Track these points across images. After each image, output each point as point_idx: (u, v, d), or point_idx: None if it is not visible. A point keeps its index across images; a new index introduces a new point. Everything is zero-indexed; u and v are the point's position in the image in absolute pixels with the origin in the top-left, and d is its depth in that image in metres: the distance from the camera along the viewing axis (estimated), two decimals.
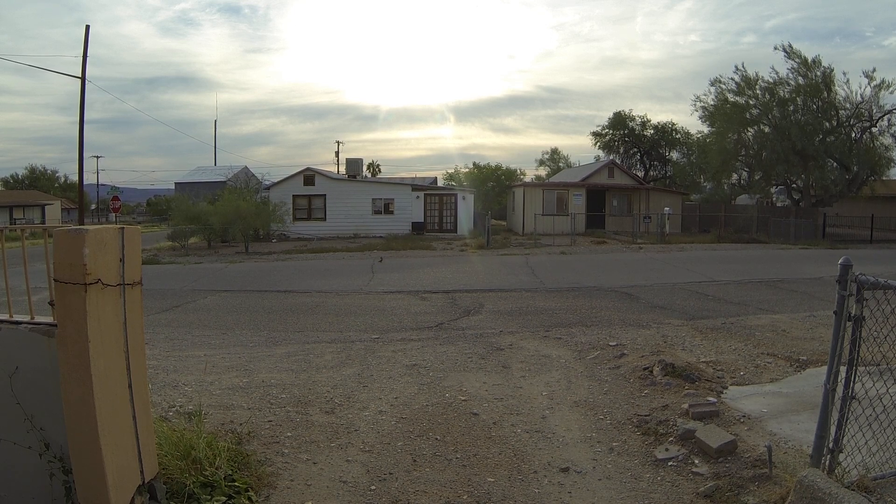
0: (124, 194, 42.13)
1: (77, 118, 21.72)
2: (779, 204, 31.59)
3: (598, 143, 44.59)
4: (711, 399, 4.40)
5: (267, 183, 31.37)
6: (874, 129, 25.70)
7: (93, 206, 55.01)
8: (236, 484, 3.06)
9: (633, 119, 43.39)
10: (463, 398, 4.75)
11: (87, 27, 24.89)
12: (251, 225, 23.33)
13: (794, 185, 28.31)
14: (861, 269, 2.73)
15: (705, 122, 29.88)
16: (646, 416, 4.22)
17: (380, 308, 9.49)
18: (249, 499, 3.01)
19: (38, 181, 59.36)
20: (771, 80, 26.27)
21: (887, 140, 25.77)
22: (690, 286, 11.33)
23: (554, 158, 59.50)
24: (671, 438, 3.79)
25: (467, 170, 51.06)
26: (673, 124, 42.69)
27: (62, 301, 2.36)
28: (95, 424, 2.34)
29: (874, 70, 24.74)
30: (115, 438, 2.45)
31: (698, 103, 29.43)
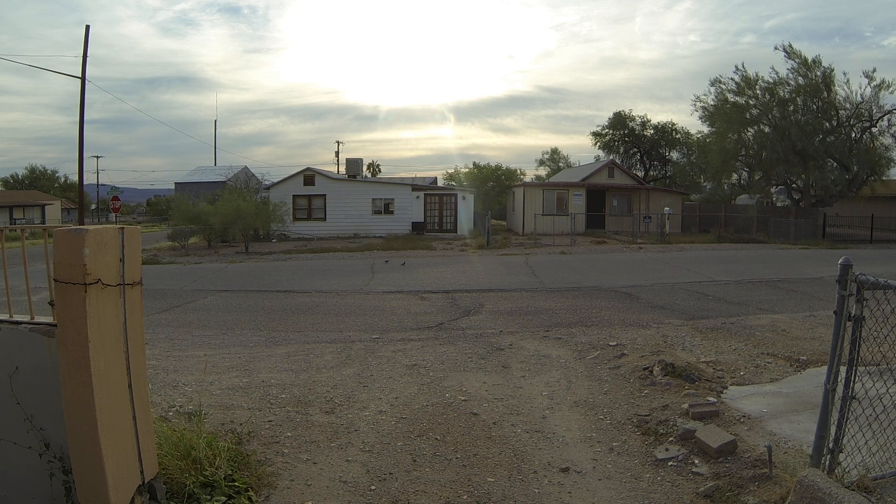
0: (124, 194, 42.20)
1: (77, 118, 21.74)
2: (779, 204, 31.55)
3: (598, 143, 44.64)
4: (711, 399, 4.40)
5: (267, 183, 31.31)
6: (874, 129, 25.68)
7: (93, 206, 55.04)
8: (236, 484, 3.06)
9: (633, 119, 43.43)
10: (463, 398, 4.75)
11: (87, 27, 24.80)
12: (251, 225, 23.34)
13: (794, 185, 28.28)
14: (861, 269, 2.73)
15: (705, 122, 29.88)
16: (646, 416, 4.22)
17: (380, 308, 9.49)
18: (249, 499, 3.01)
19: (38, 181, 59.33)
20: (771, 81, 26.26)
21: (887, 140, 25.77)
22: (690, 286, 11.33)
23: (554, 158, 59.47)
24: (671, 438, 3.79)
25: (467, 170, 51.04)
26: (673, 124, 42.79)
27: (62, 301, 2.36)
28: (95, 424, 2.34)
29: (874, 70, 24.71)
30: (115, 438, 2.45)
31: (698, 103, 29.43)
